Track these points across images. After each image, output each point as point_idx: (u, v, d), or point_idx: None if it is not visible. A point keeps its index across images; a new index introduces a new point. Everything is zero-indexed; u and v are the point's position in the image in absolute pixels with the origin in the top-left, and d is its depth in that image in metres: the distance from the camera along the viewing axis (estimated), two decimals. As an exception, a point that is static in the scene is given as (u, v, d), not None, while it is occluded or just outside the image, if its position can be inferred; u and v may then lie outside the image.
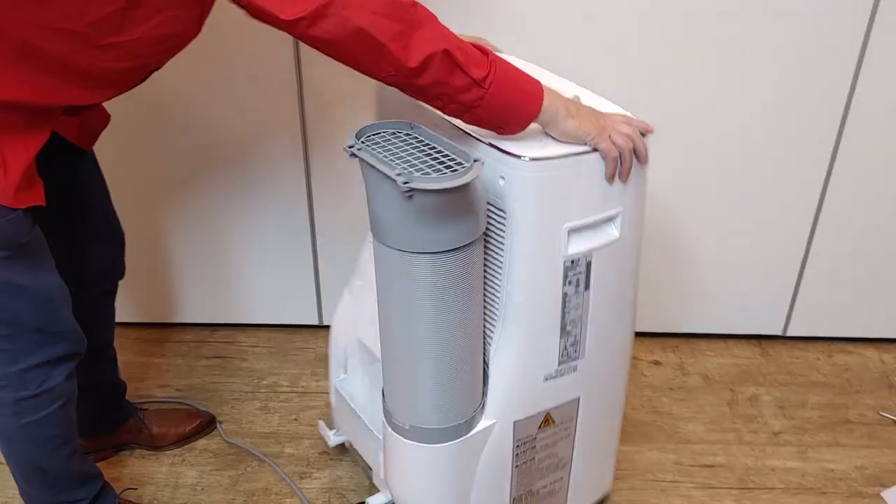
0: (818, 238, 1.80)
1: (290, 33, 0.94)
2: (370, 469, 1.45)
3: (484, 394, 1.19)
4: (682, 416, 1.74)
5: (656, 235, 1.82)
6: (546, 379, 1.20)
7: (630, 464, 1.61)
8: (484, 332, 1.16)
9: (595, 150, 1.06)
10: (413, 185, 0.92)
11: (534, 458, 1.28)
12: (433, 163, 0.99)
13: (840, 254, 1.82)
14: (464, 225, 1.01)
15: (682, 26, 1.57)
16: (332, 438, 1.53)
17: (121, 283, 1.95)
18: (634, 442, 1.67)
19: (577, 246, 1.12)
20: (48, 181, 1.08)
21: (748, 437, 1.68)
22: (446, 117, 1.08)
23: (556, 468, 1.33)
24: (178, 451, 1.63)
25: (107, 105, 1.16)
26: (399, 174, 0.93)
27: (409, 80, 0.97)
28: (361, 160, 0.99)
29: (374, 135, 1.06)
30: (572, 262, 1.12)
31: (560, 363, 1.21)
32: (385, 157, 0.99)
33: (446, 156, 1.01)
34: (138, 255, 1.89)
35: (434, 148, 1.03)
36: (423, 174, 0.95)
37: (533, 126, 1.06)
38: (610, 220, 1.14)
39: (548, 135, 1.07)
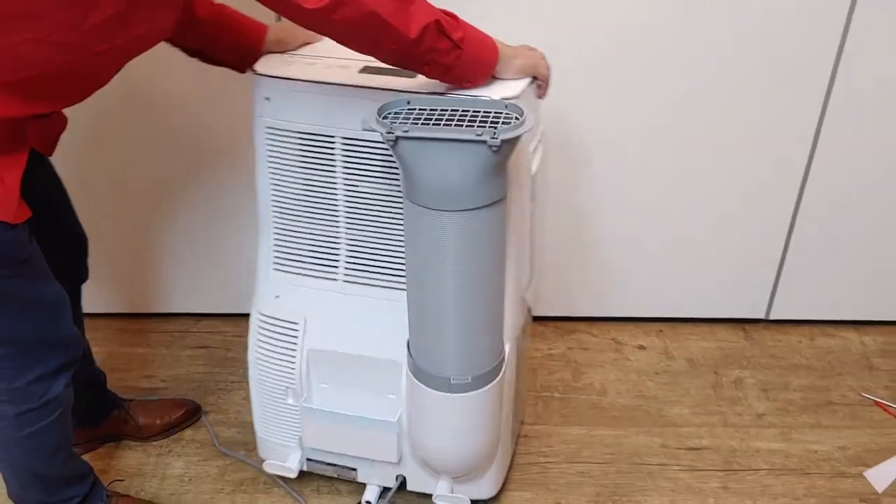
0: (800, 222, 1.82)
1: (307, 22, 1.01)
2: (353, 470, 1.45)
3: None
4: (667, 400, 1.75)
5: (640, 222, 1.82)
6: (524, 291, 1.37)
7: (617, 448, 1.63)
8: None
9: (534, 78, 1.22)
10: (502, 137, 1.01)
11: (519, 367, 1.44)
12: (470, 122, 1.06)
13: (821, 238, 1.84)
14: (507, 172, 1.11)
15: (675, 13, 1.58)
16: (295, 467, 1.44)
17: (104, 273, 1.94)
18: (620, 426, 1.68)
19: (535, 163, 1.30)
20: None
21: (733, 419, 1.70)
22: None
23: (520, 371, 1.49)
24: (164, 442, 1.62)
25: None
26: (480, 134, 1.01)
27: (409, 50, 1.06)
28: (418, 139, 1.03)
29: (386, 117, 1.09)
30: (533, 179, 1.30)
31: (529, 274, 1.38)
32: (438, 127, 1.05)
33: (476, 113, 1.08)
34: (122, 245, 1.87)
35: (455, 111, 1.09)
36: (491, 127, 1.03)
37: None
38: (541, 137, 1.35)
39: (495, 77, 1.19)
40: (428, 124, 1.05)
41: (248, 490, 1.52)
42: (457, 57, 1.09)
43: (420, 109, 1.10)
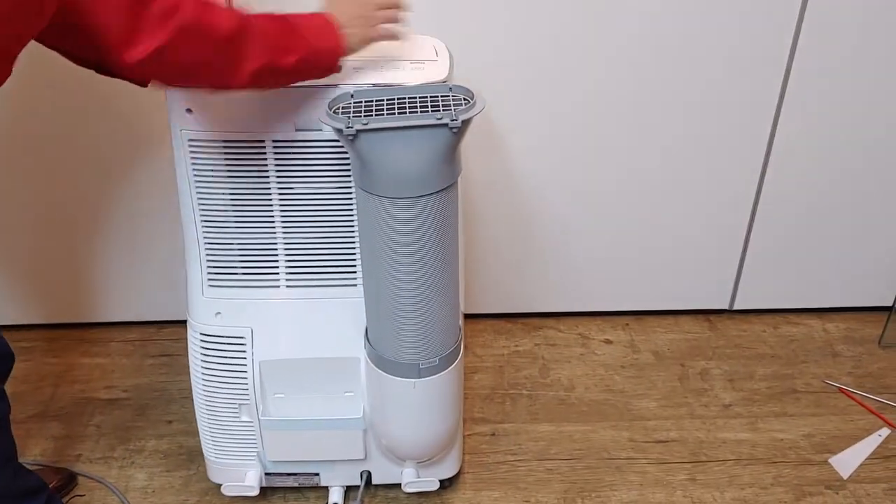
0: (760, 213, 1.83)
1: (131, 75, 0.98)
2: (315, 475, 1.44)
3: None
4: (634, 394, 1.75)
5: (603, 216, 1.82)
6: None
7: (585, 443, 1.62)
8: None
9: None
10: (462, 117, 1.03)
11: None
12: (422, 107, 1.06)
13: (782, 227, 1.85)
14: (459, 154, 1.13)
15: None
16: (255, 484, 1.41)
17: (62, 283, 1.90)
18: (588, 421, 1.68)
19: None
20: None
21: (699, 410, 1.71)
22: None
23: None
24: (126, 454, 1.59)
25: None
26: (440, 118, 1.02)
27: (250, 89, 1.05)
28: (379, 130, 1.03)
29: (337, 111, 1.09)
30: None
31: None
32: (398, 117, 1.05)
33: (424, 98, 1.09)
34: (79, 253, 1.83)
35: (403, 99, 1.09)
36: (446, 111, 1.04)
37: None
38: None
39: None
40: (382, 114, 1.06)
41: (214, 500, 1.50)
42: (298, 73, 1.08)
43: (367, 101, 1.10)
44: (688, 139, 1.73)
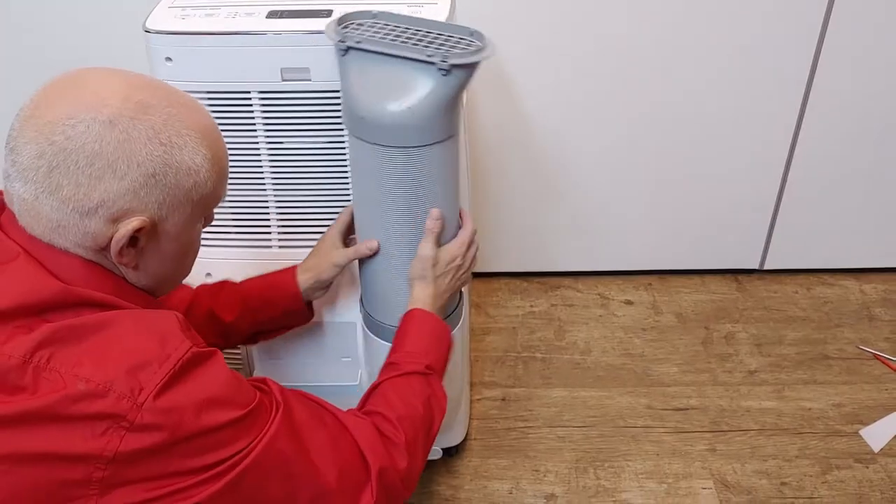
0: (795, 166, 1.71)
1: None
2: None
3: None
4: (654, 358, 1.67)
5: (626, 169, 1.72)
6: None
7: (600, 409, 1.55)
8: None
9: None
10: (452, 61, 0.90)
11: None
12: (432, 42, 0.95)
13: (818, 182, 1.73)
14: (461, 107, 1.00)
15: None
16: None
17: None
18: (604, 386, 1.60)
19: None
20: None
21: (723, 377, 1.62)
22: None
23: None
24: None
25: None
26: (431, 55, 0.91)
27: None
28: (368, 51, 0.94)
29: (346, 26, 1.00)
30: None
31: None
32: (390, 43, 0.94)
33: (437, 35, 0.97)
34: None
35: (418, 30, 0.98)
36: (447, 51, 0.91)
37: None
38: None
39: None
40: (381, 38, 0.96)
41: None
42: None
43: (384, 24, 1.01)
44: (718, 87, 1.61)
